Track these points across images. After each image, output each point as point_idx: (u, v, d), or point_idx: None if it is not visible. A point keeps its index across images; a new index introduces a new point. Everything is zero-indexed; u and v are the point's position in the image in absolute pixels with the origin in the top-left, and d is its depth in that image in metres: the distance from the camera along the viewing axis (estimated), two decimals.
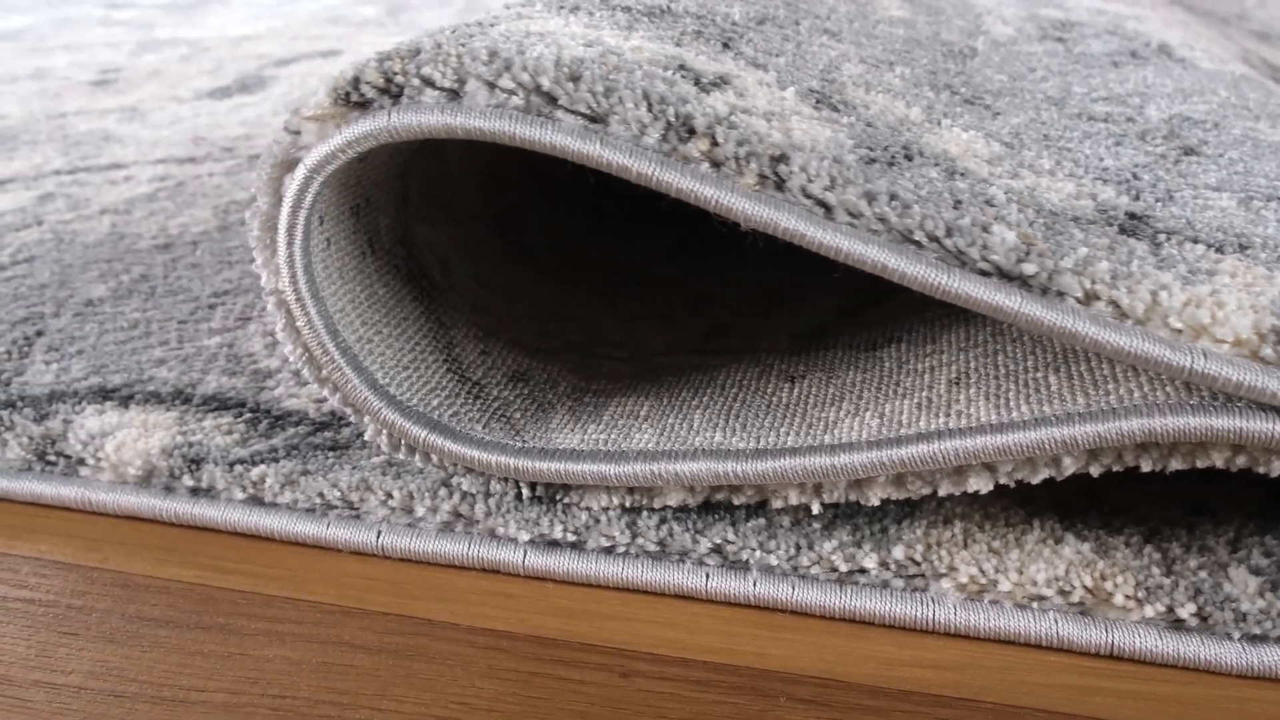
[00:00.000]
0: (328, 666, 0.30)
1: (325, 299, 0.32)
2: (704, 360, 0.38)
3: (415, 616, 0.32)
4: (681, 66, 0.31)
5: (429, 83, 0.28)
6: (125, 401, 0.39)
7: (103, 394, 0.40)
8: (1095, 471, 0.28)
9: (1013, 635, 0.30)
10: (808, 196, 0.28)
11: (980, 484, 0.29)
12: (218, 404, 0.39)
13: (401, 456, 0.34)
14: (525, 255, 0.46)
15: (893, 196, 0.28)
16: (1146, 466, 0.28)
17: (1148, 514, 0.33)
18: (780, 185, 0.28)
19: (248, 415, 0.39)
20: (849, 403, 0.33)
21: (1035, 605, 0.30)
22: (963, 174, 0.31)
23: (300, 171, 0.30)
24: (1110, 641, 0.30)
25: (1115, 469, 0.28)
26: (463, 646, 0.31)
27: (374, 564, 0.34)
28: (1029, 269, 0.27)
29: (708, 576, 0.32)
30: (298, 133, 0.29)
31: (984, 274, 0.27)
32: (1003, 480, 0.29)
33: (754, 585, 0.32)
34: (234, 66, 0.95)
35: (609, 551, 0.33)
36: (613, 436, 0.33)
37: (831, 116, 0.32)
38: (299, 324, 0.32)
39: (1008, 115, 0.39)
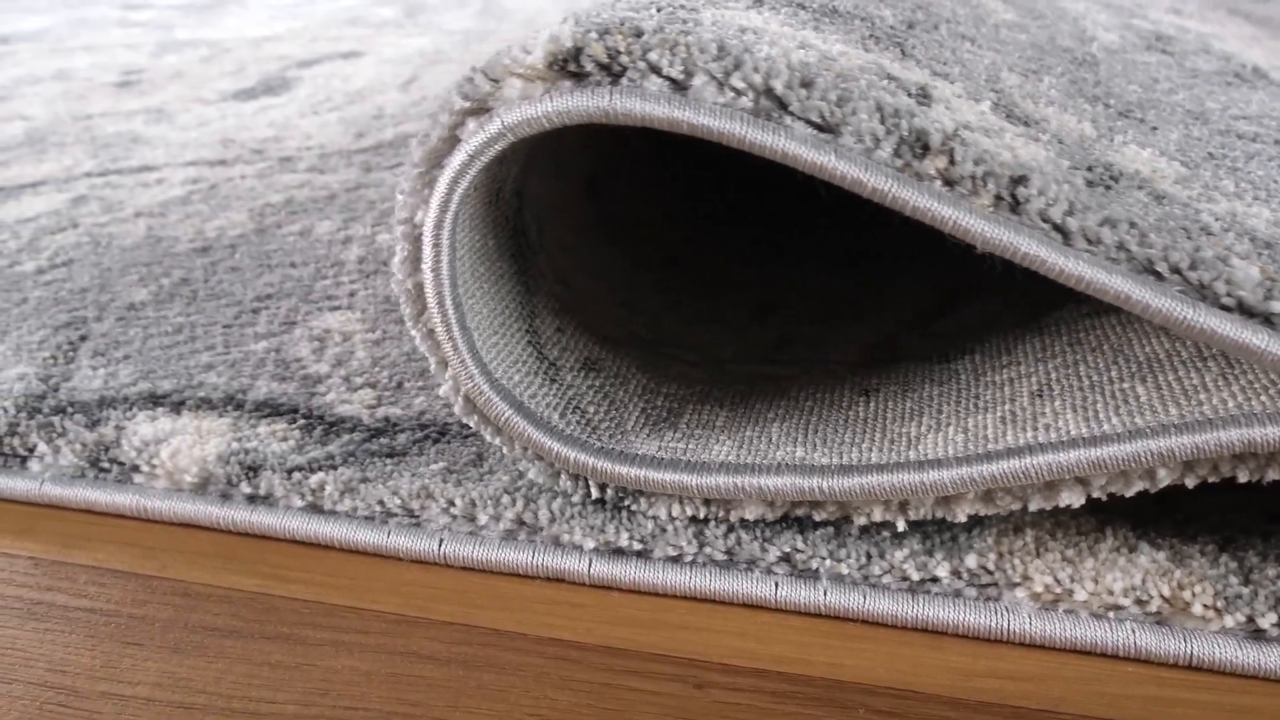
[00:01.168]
0: (397, 677, 0.30)
1: (455, 246, 0.30)
2: (774, 370, 0.38)
3: (482, 626, 0.31)
4: (888, 76, 0.29)
5: (655, 69, 0.27)
6: (177, 407, 0.39)
7: (153, 400, 0.39)
8: (1190, 483, 0.28)
9: (1089, 645, 0.30)
10: (1045, 220, 0.27)
11: (1073, 498, 0.29)
12: (270, 410, 0.39)
13: (472, 424, 0.33)
14: (606, 227, 0.45)
15: (1131, 224, 0.27)
16: (1243, 477, 0.27)
17: (1222, 522, 0.32)
18: (1015, 207, 0.27)
19: (301, 421, 0.38)
20: (929, 417, 0.32)
21: (1112, 615, 0.30)
22: (1164, 197, 0.30)
23: (494, 125, 0.28)
24: (1189, 652, 0.29)
25: (1211, 480, 0.28)
26: (532, 657, 0.30)
27: (436, 572, 0.33)
28: (1278, 307, 0.26)
29: (777, 585, 0.32)
30: (498, 81, 0.28)
31: (1225, 309, 0.26)
32: (1095, 494, 0.29)
33: (824, 594, 0.31)
34: (256, 68, 0.94)
35: (676, 560, 0.32)
36: (691, 446, 0.32)
37: (1031, 133, 0.31)
38: (425, 264, 0.30)
39: (1163, 130, 0.37)
